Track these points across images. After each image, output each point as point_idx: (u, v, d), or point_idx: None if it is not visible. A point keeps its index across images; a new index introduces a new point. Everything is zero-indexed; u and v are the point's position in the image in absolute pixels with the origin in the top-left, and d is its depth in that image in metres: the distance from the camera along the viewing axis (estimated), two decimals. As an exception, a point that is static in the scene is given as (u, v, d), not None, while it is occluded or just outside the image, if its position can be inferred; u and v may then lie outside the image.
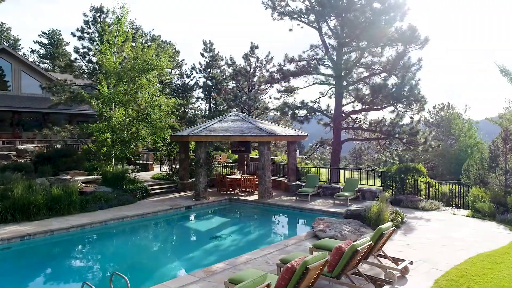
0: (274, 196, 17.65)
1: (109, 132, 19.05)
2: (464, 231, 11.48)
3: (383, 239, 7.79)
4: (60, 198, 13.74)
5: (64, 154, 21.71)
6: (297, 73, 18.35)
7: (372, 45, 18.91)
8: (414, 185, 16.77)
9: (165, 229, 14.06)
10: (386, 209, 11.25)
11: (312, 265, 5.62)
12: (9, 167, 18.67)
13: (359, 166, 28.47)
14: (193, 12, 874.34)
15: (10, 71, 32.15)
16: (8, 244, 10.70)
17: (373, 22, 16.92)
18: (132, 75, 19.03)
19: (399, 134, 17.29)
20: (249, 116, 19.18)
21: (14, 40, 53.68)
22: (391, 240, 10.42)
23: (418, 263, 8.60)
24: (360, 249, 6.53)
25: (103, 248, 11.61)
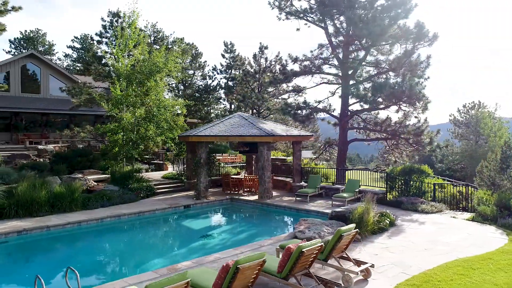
0: (276, 196, 17.65)
1: (120, 133, 19.73)
2: (456, 235, 11.03)
3: (344, 241, 7.66)
4: (63, 196, 14.40)
5: (80, 154, 22.67)
6: (300, 73, 18.23)
7: (379, 43, 18.46)
8: (419, 187, 16.25)
9: (157, 227, 14.34)
10: (370, 211, 10.98)
11: (244, 265, 5.66)
12: (27, 166, 19.75)
13: (367, 167, 27.81)
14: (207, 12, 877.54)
15: (39, 75, 33.98)
16: (5, 238, 11.36)
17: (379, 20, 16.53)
18: (141, 77, 19.63)
19: (404, 134, 16.76)
20: (252, 117, 19.25)
21: (49, 45, 56.52)
22: (371, 242, 10.22)
23: (388, 266, 8.39)
24: (306, 250, 6.47)
25: (90, 244, 12.07)
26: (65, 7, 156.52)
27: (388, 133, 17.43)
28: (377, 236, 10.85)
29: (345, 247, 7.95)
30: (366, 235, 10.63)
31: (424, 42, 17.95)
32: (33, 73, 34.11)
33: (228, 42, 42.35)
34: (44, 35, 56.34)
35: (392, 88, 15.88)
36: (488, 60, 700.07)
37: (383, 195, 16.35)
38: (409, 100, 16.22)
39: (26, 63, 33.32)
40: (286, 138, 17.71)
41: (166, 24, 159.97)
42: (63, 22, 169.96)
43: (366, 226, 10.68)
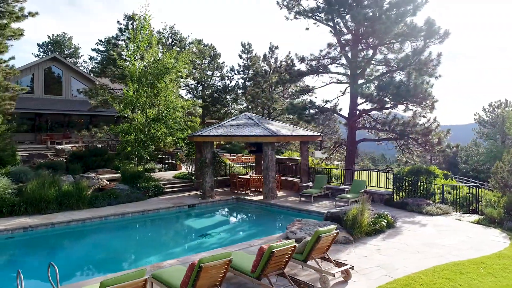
0: (282, 196, 17.63)
1: (132, 133, 20.19)
2: (455, 238, 10.69)
3: (323, 242, 7.58)
4: (70, 194, 14.90)
5: (95, 153, 23.36)
6: (306, 72, 18.08)
7: (385, 42, 18.13)
8: (427, 188, 15.84)
9: (158, 226, 14.55)
10: (364, 212, 10.80)
11: (207, 264, 5.72)
12: (44, 165, 20.51)
13: (376, 167, 27.24)
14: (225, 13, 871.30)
15: (61, 77, 35.22)
16: (11, 234, 11.88)
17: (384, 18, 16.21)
18: (151, 78, 20.04)
19: (413, 134, 16.36)
20: (259, 117, 19.26)
21: (74, 48, 58.41)
22: (363, 244, 10.06)
23: (374, 269, 8.25)
24: (277, 251, 6.46)
25: (88, 241, 12.47)
26: (97, 11, 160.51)
27: (396, 133, 17.05)
28: (371, 237, 10.67)
29: (326, 248, 7.87)
30: (359, 237, 10.47)
31: (434, 39, 17.47)
32: (56, 76, 35.40)
33: (246, 43, 42.50)
34: (70, 39, 58.24)
35: (397, 87, 15.52)
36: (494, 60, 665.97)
37: (389, 196, 16.04)
38: (414, 99, 15.81)
39: (49, 66, 34.63)
40: (291, 138, 17.64)
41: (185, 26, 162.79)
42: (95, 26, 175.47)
43: (360, 227, 10.51)
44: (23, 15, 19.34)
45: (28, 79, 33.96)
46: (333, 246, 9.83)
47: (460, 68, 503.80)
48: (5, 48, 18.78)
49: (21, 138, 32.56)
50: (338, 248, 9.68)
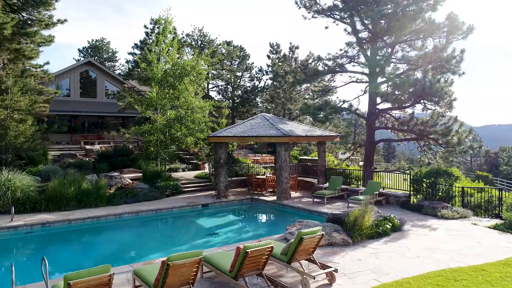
0: (298, 197, 17.55)
1: (155, 134, 20.81)
2: (463, 243, 10.20)
3: (307, 244, 7.49)
4: (89, 192, 15.58)
5: (121, 153, 24.29)
6: (322, 72, 17.83)
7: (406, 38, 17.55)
8: (447, 190, 15.19)
9: (169, 224, 14.88)
10: (365, 214, 10.53)
11: (174, 262, 5.84)
12: (73, 164, 21.59)
13: (397, 169, 26.29)
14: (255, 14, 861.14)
15: (96, 81, 36.83)
16: (30, 229, 12.62)
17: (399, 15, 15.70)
18: (172, 81, 20.55)
19: (432, 134, 15.72)
20: (275, 117, 19.22)
21: (112, 52, 60.83)
22: (362, 247, 9.84)
23: (364, 272, 8.06)
24: (251, 251, 6.47)
25: (101, 237, 13.02)
26: (139, 16, 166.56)
27: (415, 133, 16.44)
28: (373, 240, 10.39)
29: (312, 250, 7.78)
30: (359, 239, 10.22)
31: (457, 35, 16.73)
32: (90, 79, 37.06)
33: (274, 43, 42.46)
34: (108, 43, 60.71)
35: (412, 85, 14.95)
36: None
37: (406, 199, 15.54)
38: (430, 98, 15.16)
39: (85, 70, 36.33)
40: (305, 139, 17.49)
41: (216, 29, 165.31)
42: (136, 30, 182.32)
43: (360, 230, 10.27)
44: (52, 22, 20.42)
45: (65, 83, 35.80)
46: (330, 248, 9.72)
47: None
48: (35, 54, 19.91)
49: (58, 139, 34.42)
50: (334, 251, 9.52)
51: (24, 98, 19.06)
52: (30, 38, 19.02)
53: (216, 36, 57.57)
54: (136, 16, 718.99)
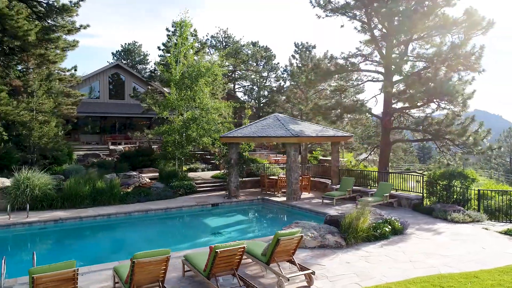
0: (309, 198, 17.40)
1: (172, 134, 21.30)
2: (465, 249, 9.75)
3: (285, 245, 7.44)
4: (103, 191, 16.16)
5: (142, 153, 25.03)
6: (334, 72, 17.49)
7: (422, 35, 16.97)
8: (462, 193, 14.53)
9: (175, 222, 15.04)
10: (361, 216, 10.28)
11: (139, 260, 5.99)
12: (96, 164, 22.47)
13: (409, 170, 25.29)
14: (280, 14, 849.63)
15: (123, 83, 38.10)
16: (44, 225, 13.27)
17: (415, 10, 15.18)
18: (188, 82, 20.96)
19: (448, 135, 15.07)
20: (287, 117, 19.09)
21: (143, 55, 62.61)
22: (356, 250, 9.63)
23: (348, 275, 7.89)
24: (220, 251, 6.52)
25: (106, 234, 13.51)
26: (172, 18, 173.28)
27: (429, 133, 15.82)
28: (369, 243, 10.14)
29: (292, 252, 7.71)
30: (354, 242, 10.00)
31: (476, 30, 15.98)
32: (118, 81, 38.38)
33: (299, 43, 42.17)
34: (140, 47, 62.52)
35: (424, 84, 14.35)
36: None
37: (419, 201, 15.02)
38: (442, 97, 14.51)
39: (113, 72, 37.67)
40: (315, 139, 17.27)
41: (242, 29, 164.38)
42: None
43: (355, 232, 10.05)
44: (75, 28, 21.33)
45: (96, 86, 37.29)
46: (322, 250, 9.59)
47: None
48: (60, 59, 20.93)
49: (89, 139, 35.93)
50: (325, 253, 9.38)
51: (48, 100, 20.04)
52: (54, 44, 19.96)
53: (240, 37, 57.93)
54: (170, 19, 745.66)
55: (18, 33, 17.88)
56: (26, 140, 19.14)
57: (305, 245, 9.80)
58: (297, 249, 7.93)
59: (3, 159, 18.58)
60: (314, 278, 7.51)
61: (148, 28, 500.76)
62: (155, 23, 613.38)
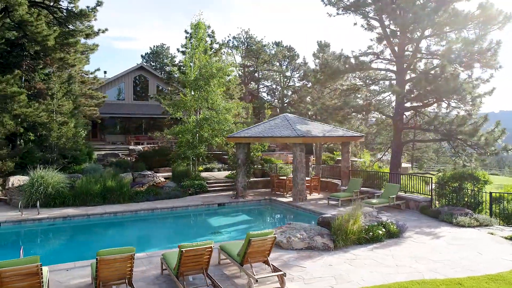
0: (315, 199, 17.22)
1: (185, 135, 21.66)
2: (460, 254, 9.33)
3: (258, 246, 7.40)
4: (113, 189, 16.66)
5: (159, 153, 25.60)
6: (343, 71, 17.15)
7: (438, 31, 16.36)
8: (474, 196, 13.90)
9: (178, 221, 15.21)
10: (351, 218, 10.06)
11: (103, 257, 6.17)
12: (114, 163, 23.20)
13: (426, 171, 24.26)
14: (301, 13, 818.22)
15: (147, 84, 39.07)
16: (53, 222, 13.87)
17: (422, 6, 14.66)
18: (201, 83, 21.24)
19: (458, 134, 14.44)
20: (296, 117, 18.90)
21: (171, 57, 63.96)
22: (344, 253, 9.45)
23: (325, 279, 7.77)
24: (185, 251, 6.59)
25: (108, 231, 13.92)
26: (210, 21, 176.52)
27: (440, 132, 15.19)
28: (360, 246, 9.91)
29: (267, 253, 7.67)
30: (343, 245, 9.80)
31: (492, 25, 15.25)
32: (142, 83, 39.41)
33: (322, 42, 41.68)
34: (168, 49, 63.94)
35: (431, 82, 13.79)
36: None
37: (427, 204, 14.50)
38: (447, 95, 13.86)
39: (138, 74, 38.73)
40: (322, 139, 17.03)
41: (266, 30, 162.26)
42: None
43: (345, 234, 9.85)
44: (93, 32, 22.12)
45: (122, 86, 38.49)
46: (308, 252, 9.48)
47: None
48: (79, 62, 21.75)
49: (114, 139, 37.12)
50: (311, 255, 9.26)
51: (67, 102, 20.87)
52: (73, 48, 20.78)
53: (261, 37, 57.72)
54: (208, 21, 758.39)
55: (37, 38, 18.78)
56: (46, 140, 20.04)
57: (292, 247, 9.73)
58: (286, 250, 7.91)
59: (25, 158, 19.54)
60: (289, 280, 7.45)
61: (181, 30, 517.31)
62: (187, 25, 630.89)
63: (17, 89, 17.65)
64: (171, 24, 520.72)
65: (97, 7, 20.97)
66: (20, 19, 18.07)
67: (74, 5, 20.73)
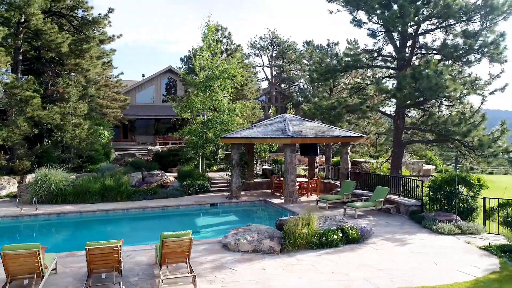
0: (306, 201, 16.84)
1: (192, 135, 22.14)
2: (413, 263, 8.72)
3: (175, 247, 7.42)
4: (111, 188, 17.38)
5: (173, 153, 26.30)
6: (338, 69, 16.50)
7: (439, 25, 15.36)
8: (467, 201, 12.87)
9: (163, 220, 15.42)
10: (300, 222, 9.73)
11: (7, 252, 6.52)
12: (129, 163, 24.19)
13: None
14: None
15: (175, 86, 40.25)
16: (48, 217, 14.78)
17: None
18: (207, 84, 21.59)
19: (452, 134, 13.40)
20: (294, 118, 18.47)
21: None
22: (288, 257, 9.22)
23: (248, 284, 7.63)
24: (89, 249, 6.78)
25: (92, 228, 14.46)
26: (253, 21, 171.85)
27: (434, 132, 14.16)
28: (309, 251, 9.58)
29: (187, 253, 7.66)
30: (291, 249, 9.53)
31: (496, 16, 14.06)
32: (170, 85, 40.62)
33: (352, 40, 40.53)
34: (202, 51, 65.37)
35: (414, 79, 12.83)
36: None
37: (417, 208, 13.65)
38: (430, 93, 12.78)
39: (166, 77, 40.03)
40: (314, 140, 16.53)
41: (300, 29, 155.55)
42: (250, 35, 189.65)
43: (294, 238, 9.57)
44: (108, 37, 23.27)
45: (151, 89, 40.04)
46: (253, 254, 9.33)
47: None
48: (93, 66, 22.93)
49: (144, 140, 38.65)
50: (252, 258, 9.11)
51: (83, 105, 22.09)
52: (87, 53, 21.98)
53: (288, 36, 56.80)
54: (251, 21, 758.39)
55: (51, 46, 20.10)
56: (62, 141, 21.36)
57: (239, 249, 9.63)
58: (232, 252, 7.88)
59: (44, 158, 20.96)
60: (209, 282, 7.42)
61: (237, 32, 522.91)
62: (232, 27, 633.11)
63: (31, 93, 19.01)
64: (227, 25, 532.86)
65: (109, 13, 22.05)
66: (35, 28, 19.44)
67: (88, 13, 21.93)
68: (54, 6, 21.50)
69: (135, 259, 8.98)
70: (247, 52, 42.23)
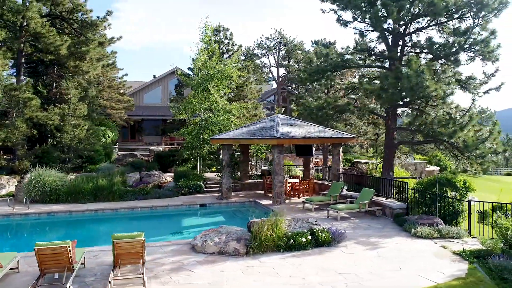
0: (295, 202, 16.73)
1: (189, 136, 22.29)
2: (375, 269, 8.52)
3: (128, 248, 7.47)
4: (104, 188, 17.65)
5: (173, 154, 26.50)
6: (326, 69, 16.28)
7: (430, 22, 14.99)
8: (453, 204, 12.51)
9: (149, 221, 15.47)
10: (266, 224, 9.64)
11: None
12: (129, 163, 24.52)
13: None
14: None
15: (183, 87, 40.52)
16: (38, 216, 15.13)
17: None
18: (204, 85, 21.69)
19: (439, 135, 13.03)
20: (286, 118, 18.29)
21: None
22: (252, 260, 9.16)
23: (200, 285, 7.63)
24: (38, 249, 6.89)
25: (78, 227, 14.69)
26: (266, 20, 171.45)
27: (425, 134, 13.78)
28: (276, 254, 9.49)
29: (140, 255, 7.70)
30: (257, 251, 9.45)
31: (486, 13, 13.64)
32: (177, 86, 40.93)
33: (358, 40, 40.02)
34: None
35: (397, 78, 12.50)
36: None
37: (402, 211, 13.36)
38: (411, 93, 12.40)
39: (173, 78, 40.35)
40: (302, 141, 16.36)
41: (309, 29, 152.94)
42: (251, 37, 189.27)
43: (260, 240, 9.50)
44: (107, 40, 23.64)
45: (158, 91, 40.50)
46: (217, 257, 9.32)
47: None
48: (93, 68, 23.34)
49: (151, 140, 39.12)
50: (215, 260, 9.08)
51: (83, 106, 22.52)
52: (86, 55, 22.39)
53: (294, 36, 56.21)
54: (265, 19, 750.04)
55: (50, 48, 20.55)
56: (61, 141, 21.82)
57: (205, 250, 9.63)
58: (197, 254, 7.91)
59: (44, 158, 21.46)
60: (163, 283, 7.44)
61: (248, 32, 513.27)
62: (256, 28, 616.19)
63: (29, 95, 19.48)
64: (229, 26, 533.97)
65: (107, 16, 22.38)
66: (34, 31, 19.92)
67: (87, 16, 22.33)
68: (55, 10, 21.99)
69: (100, 259, 9.08)
70: (254, 52, 42.19)
